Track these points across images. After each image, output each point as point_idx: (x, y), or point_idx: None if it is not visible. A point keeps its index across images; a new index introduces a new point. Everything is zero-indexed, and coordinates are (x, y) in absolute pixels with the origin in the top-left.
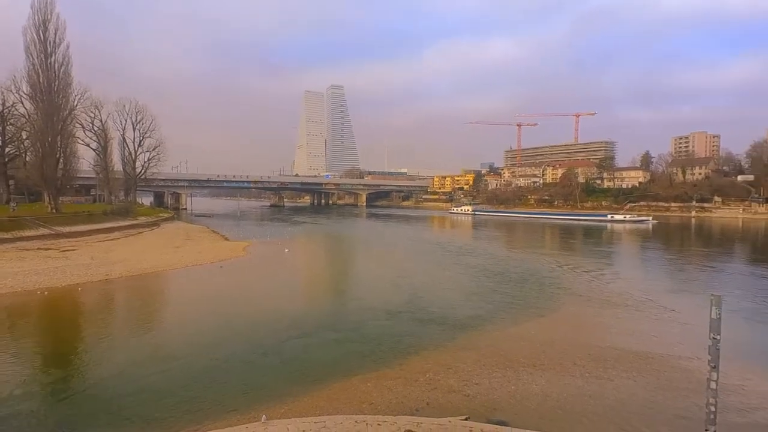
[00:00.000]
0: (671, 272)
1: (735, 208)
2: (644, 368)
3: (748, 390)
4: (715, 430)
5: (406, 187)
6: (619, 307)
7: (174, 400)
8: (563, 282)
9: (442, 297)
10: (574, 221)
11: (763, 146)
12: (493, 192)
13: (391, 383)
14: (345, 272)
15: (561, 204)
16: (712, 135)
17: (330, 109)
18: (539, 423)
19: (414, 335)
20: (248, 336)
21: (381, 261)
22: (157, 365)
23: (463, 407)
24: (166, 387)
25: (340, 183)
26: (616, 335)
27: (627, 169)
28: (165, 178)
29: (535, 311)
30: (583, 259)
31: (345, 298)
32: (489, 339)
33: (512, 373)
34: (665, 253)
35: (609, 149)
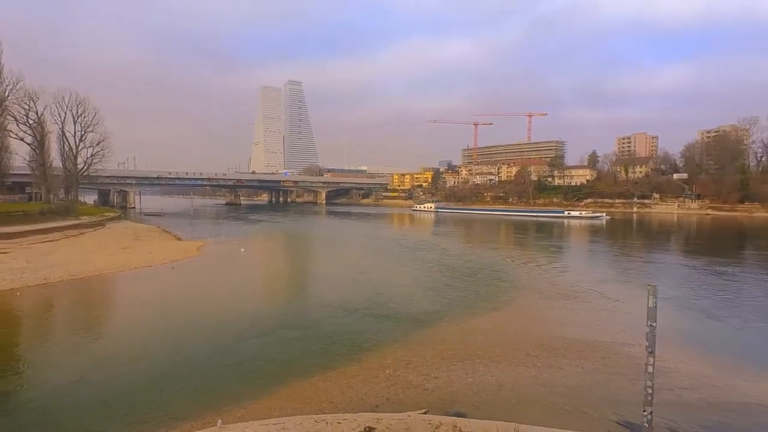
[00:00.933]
0: (616, 264)
1: (671, 204)
2: (591, 356)
3: (682, 372)
4: (651, 411)
5: (365, 184)
6: (568, 298)
7: (120, 410)
8: (518, 276)
9: (401, 293)
10: (534, 218)
11: (695, 147)
12: (451, 189)
13: (351, 381)
14: (304, 270)
15: (515, 201)
16: (651, 136)
17: (288, 106)
18: (495, 412)
19: (373, 331)
20: (202, 338)
21: (341, 258)
22: (100, 373)
23: (422, 401)
24: (112, 396)
25: (298, 180)
26: (566, 325)
27: (576, 167)
28: (111, 176)
29: (490, 305)
30: (538, 254)
31: (304, 296)
32: (447, 333)
33: (469, 365)
34: (612, 246)
35: (559, 148)
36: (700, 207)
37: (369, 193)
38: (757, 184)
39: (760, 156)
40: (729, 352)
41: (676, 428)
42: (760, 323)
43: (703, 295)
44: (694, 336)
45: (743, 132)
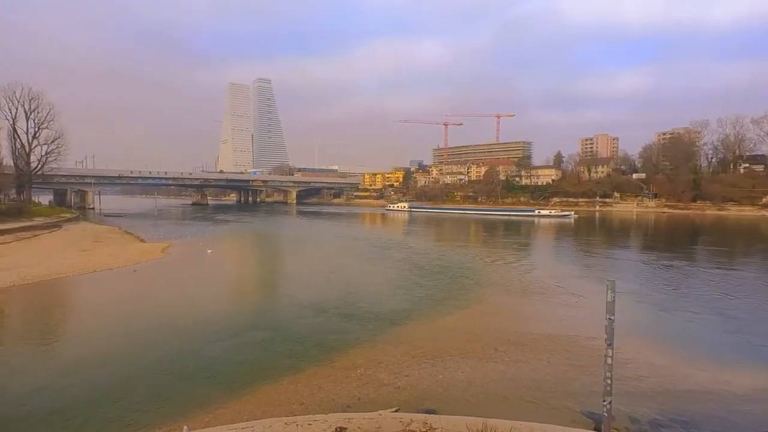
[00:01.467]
0: (580, 261)
1: (630, 203)
2: (556, 349)
3: (641, 363)
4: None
5: (337, 184)
6: (535, 294)
7: (77, 420)
8: (487, 274)
9: (372, 292)
10: (505, 216)
11: (652, 149)
12: (422, 189)
13: (322, 382)
14: (273, 271)
15: (484, 200)
16: (612, 137)
17: (257, 104)
18: (465, 408)
19: (344, 332)
20: (167, 342)
21: (311, 258)
22: (57, 382)
23: (394, 399)
24: (69, 406)
25: (268, 180)
26: (533, 321)
27: (542, 167)
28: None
29: (460, 303)
30: (507, 252)
31: (273, 297)
32: (418, 331)
33: (440, 362)
34: (578, 244)
35: (526, 149)
36: (657, 205)
37: (340, 192)
38: (707, 184)
39: (710, 157)
40: (681, 343)
41: (635, 416)
42: (707, 315)
43: (657, 290)
44: (650, 328)
45: (696, 134)
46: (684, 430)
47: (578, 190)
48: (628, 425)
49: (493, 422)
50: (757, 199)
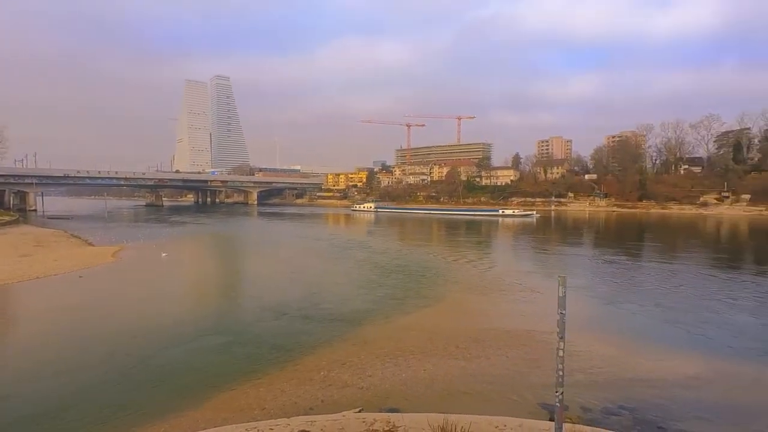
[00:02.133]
0: (538, 258)
1: (583, 203)
2: (514, 344)
3: (592, 354)
4: (562, 392)
5: (299, 184)
6: (494, 292)
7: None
8: (449, 272)
9: (335, 293)
10: (471, 216)
11: (602, 151)
12: (385, 189)
13: (284, 385)
14: (233, 273)
15: (446, 200)
16: (566, 140)
17: (215, 102)
18: (428, 405)
19: (307, 333)
20: (117, 350)
21: (272, 260)
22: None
23: (357, 400)
24: (11, 422)
25: (227, 180)
26: (493, 317)
27: (501, 168)
28: (5, 174)
29: (423, 301)
30: (470, 251)
31: (232, 300)
32: (381, 331)
33: (403, 361)
34: (536, 241)
35: (486, 150)
36: (607, 205)
37: (303, 193)
38: (652, 185)
39: (654, 159)
40: (627, 334)
41: (587, 405)
42: (650, 307)
43: (606, 284)
44: (600, 321)
45: (641, 138)
46: (631, 416)
47: (535, 190)
48: (581, 414)
49: (453, 417)
50: (695, 198)
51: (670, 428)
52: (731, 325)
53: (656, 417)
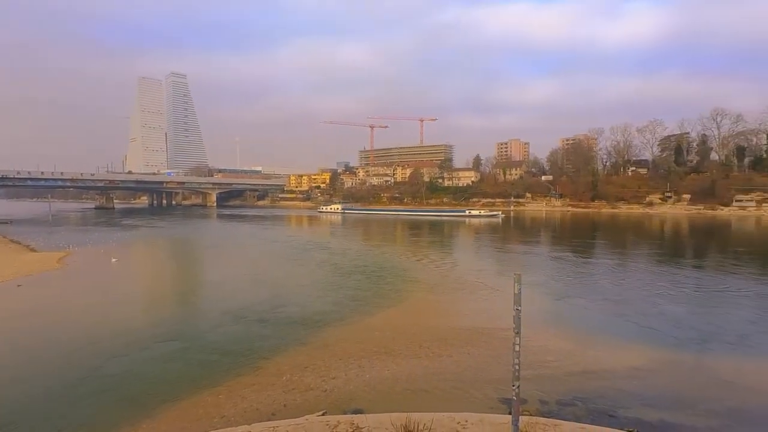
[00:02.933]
0: (498, 257)
1: (540, 203)
2: (476, 341)
3: (549, 349)
4: (519, 385)
5: (261, 185)
6: (456, 291)
7: None
8: (412, 273)
9: (298, 295)
10: (438, 217)
11: (558, 153)
12: (349, 190)
13: (245, 391)
14: (189, 278)
15: (409, 201)
16: (524, 142)
17: (171, 100)
18: (392, 405)
19: (268, 337)
20: (63, 362)
21: (232, 263)
22: None
23: (321, 403)
24: None
25: (185, 181)
26: (455, 316)
27: (462, 169)
28: None
29: (387, 302)
30: (434, 251)
31: (188, 306)
32: (345, 333)
33: (367, 363)
34: (497, 241)
35: (448, 152)
36: (562, 205)
37: (265, 194)
38: (603, 185)
39: (605, 161)
40: (581, 329)
41: (544, 398)
42: (601, 302)
43: (561, 280)
44: (556, 316)
45: (593, 141)
46: (584, 406)
47: (495, 191)
48: (539, 406)
49: (416, 416)
50: (642, 198)
51: (620, 416)
52: (672, 317)
53: (607, 406)
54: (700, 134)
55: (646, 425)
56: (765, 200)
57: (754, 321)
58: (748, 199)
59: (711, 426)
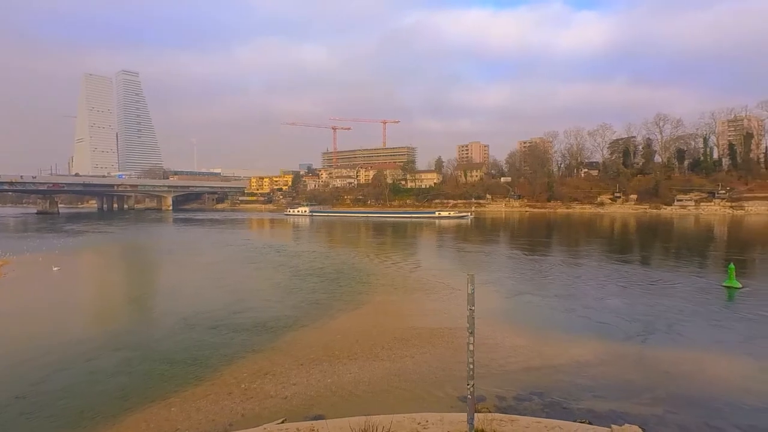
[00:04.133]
0: (460, 257)
1: (500, 204)
2: (437, 342)
3: (507, 346)
4: (473, 383)
5: (220, 188)
6: (418, 291)
7: None
8: (375, 274)
9: (258, 301)
10: (409, 218)
11: (516, 155)
12: (311, 192)
13: (200, 402)
14: (140, 285)
15: (373, 203)
16: (483, 144)
17: (122, 99)
18: (353, 408)
19: (226, 345)
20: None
21: (188, 269)
22: None
23: (281, 411)
24: None
25: (138, 184)
26: (417, 317)
27: (425, 171)
28: None
29: (349, 305)
30: (397, 253)
31: (139, 314)
32: (307, 337)
33: (328, 367)
34: (459, 241)
35: (411, 154)
36: (521, 205)
37: (224, 197)
38: (558, 186)
39: (560, 163)
40: (537, 325)
41: (502, 394)
42: (554, 298)
43: (518, 278)
44: (513, 314)
45: (548, 143)
46: (540, 400)
47: (457, 193)
48: (497, 402)
49: (376, 418)
50: (593, 198)
51: (572, 408)
52: (620, 310)
53: (561, 399)
54: (645, 138)
55: (597, 415)
56: (703, 200)
57: (681, 310)
58: (687, 199)
59: (654, 413)
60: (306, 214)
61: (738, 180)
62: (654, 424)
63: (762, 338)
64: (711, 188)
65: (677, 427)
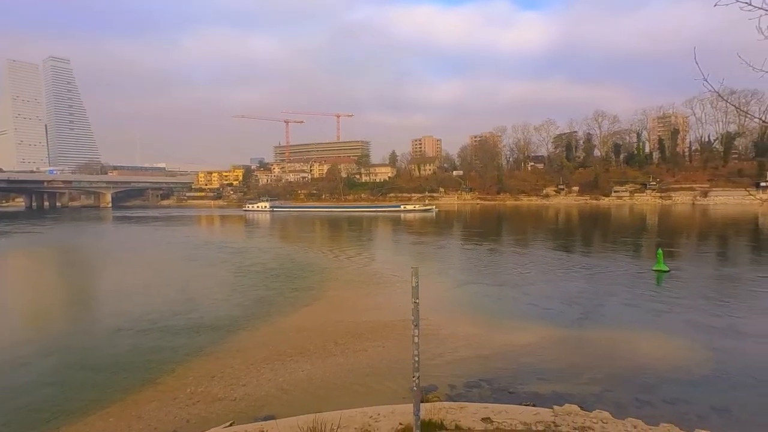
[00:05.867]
0: (415, 250)
1: (452, 197)
2: (391, 335)
3: (458, 335)
4: (419, 375)
5: (165, 183)
6: (372, 285)
7: None
8: (330, 269)
9: (204, 301)
10: (372, 212)
11: (467, 149)
12: (264, 187)
13: (142, 410)
14: (72, 289)
15: (327, 197)
16: (436, 139)
17: (52, 88)
18: (305, 406)
19: (170, 348)
20: None
21: (128, 271)
22: None
23: (229, 413)
24: None
25: (72, 180)
26: (371, 311)
27: (379, 165)
28: None
29: (302, 301)
30: (353, 247)
31: (71, 320)
32: (258, 336)
33: (280, 365)
34: (416, 235)
35: (365, 148)
36: (472, 198)
37: (170, 193)
38: (507, 179)
39: (508, 157)
40: (487, 313)
41: (454, 383)
42: (505, 287)
43: (470, 268)
44: (465, 303)
45: (497, 138)
46: (489, 386)
47: (411, 186)
48: (448, 391)
49: (326, 415)
50: (540, 190)
51: (518, 391)
52: (563, 296)
53: (508, 384)
54: (586, 133)
55: (541, 397)
56: (636, 191)
57: (617, 294)
58: (623, 190)
59: (593, 392)
60: (266, 210)
61: (667, 172)
62: (592, 402)
63: (685, 317)
64: (643, 180)
65: (612, 404)
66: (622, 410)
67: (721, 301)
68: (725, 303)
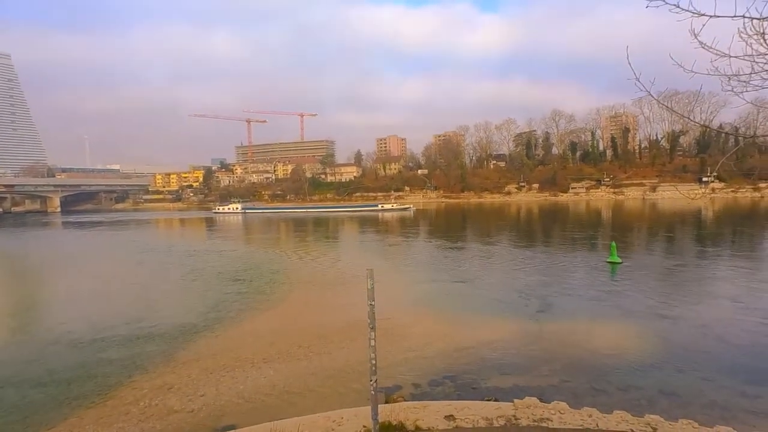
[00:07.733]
0: (379, 250)
1: (418, 195)
2: (357, 336)
3: (423, 333)
4: (376, 379)
5: (119, 186)
6: (336, 286)
7: None
8: (294, 271)
9: (161, 308)
10: (351, 212)
11: (431, 148)
12: (226, 188)
13: (90, 428)
14: (12, 299)
15: (292, 198)
16: (401, 138)
17: None
18: (267, 413)
19: (123, 360)
20: None
21: (78, 279)
22: None
23: (186, 426)
24: None
25: (14, 184)
26: (335, 312)
27: (344, 165)
28: None
29: (265, 304)
30: (319, 249)
31: (16, 331)
32: (218, 343)
33: (240, 373)
34: (381, 233)
35: (330, 147)
36: (437, 196)
37: (125, 196)
38: (470, 177)
39: (471, 156)
40: (453, 310)
41: (418, 381)
42: (468, 283)
43: (436, 267)
44: (432, 302)
45: (461, 137)
46: (452, 383)
47: (376, 185)
48: (412, 390)
49: (284, 423)
50: (502, 188)
51: (481, 387)
52: (523, 290)
53: (471, 380)
54: (544, 132)
55: (503, 392)
56: (592, 187)
57: (574, 286)
58: (580, 187)
59: (551, 383)
60: (238, 212)
61: (619, 169)
62: (551, 393)
63: (635, 306)
64: (598, 177)
65: (570, 394)
66: (579, 399)
67: (670, 290)
68: (673, 292)
